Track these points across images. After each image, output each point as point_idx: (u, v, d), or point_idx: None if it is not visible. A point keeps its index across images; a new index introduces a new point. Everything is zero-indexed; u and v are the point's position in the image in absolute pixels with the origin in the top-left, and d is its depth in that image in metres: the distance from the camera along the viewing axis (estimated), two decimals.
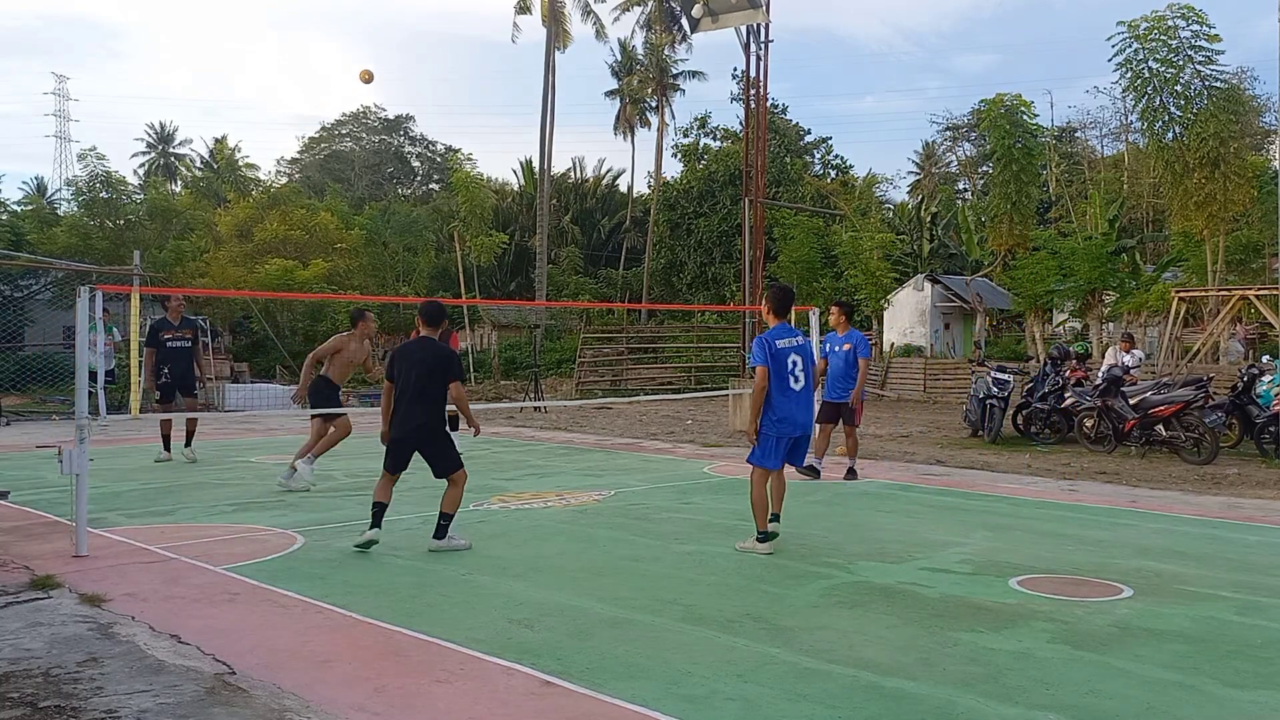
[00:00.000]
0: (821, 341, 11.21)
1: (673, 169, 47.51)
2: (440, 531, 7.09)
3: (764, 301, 7.77)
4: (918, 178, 54.23)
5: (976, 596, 5.82)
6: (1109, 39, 21.52)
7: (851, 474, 10.84)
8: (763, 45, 16.66)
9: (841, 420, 10.93)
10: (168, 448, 12.14)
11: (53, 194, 47.31)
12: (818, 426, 10.97)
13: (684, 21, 44.92)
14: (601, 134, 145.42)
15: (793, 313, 7.75)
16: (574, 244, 48.61)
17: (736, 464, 12.22)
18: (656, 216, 44.07)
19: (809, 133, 47.42)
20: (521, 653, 4.67)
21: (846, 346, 10.84)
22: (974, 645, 4.88)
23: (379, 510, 7.11)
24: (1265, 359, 15.12)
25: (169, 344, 12.01)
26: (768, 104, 20.09)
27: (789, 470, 7.47)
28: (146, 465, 11.68)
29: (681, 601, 5.65)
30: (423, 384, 7.02)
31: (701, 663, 4.57)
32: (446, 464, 7.17)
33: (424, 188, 62.02)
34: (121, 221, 32.96)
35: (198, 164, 57.85)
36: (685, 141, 46.95)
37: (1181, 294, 21.14)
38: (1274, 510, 9.06)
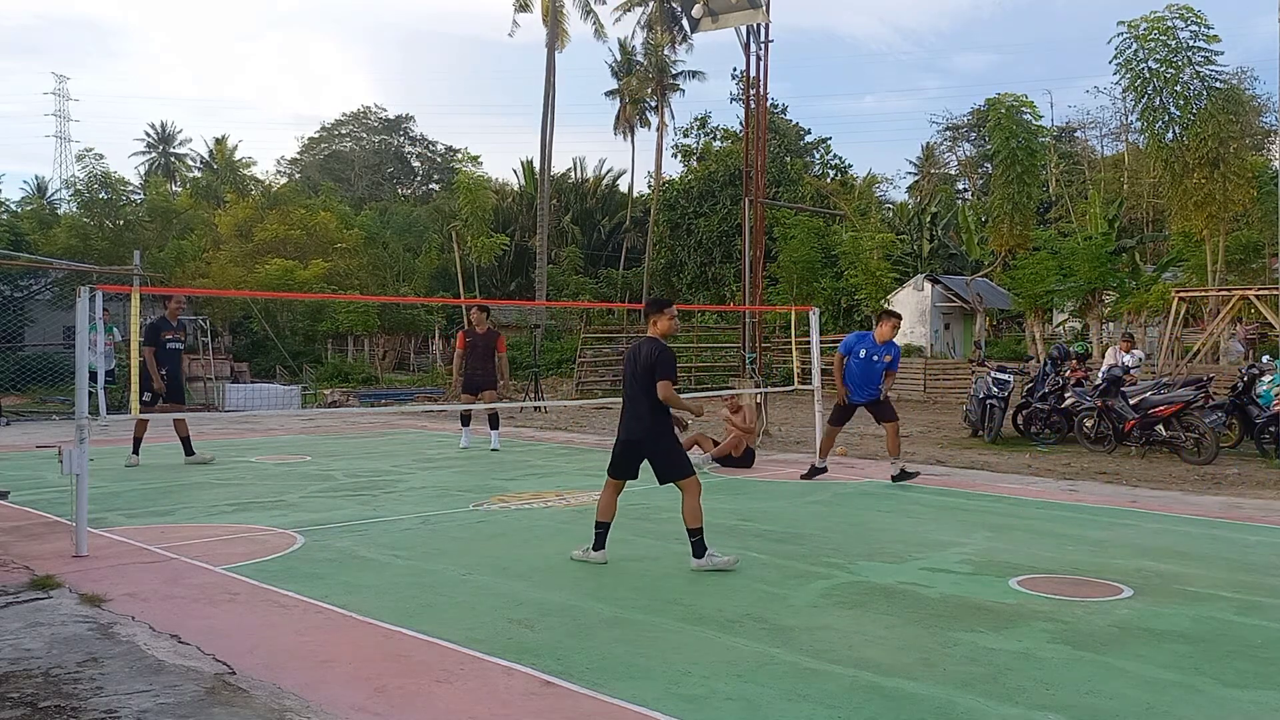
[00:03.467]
0: (847, 342, 10.89)
1: (673, 169, 47.54)
2: (697, 549, 6.51)
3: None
4: (916, 178, 54.24)
5: (976, 596, 5.82)
6: (1109, 40, 21.54)
7: (905, 475, 10.59)
8: (763, 45, 16.65)
9: (881, 419, 10.78)
10: (137, 451, 11.66)
11: (53, 194, 47.30)
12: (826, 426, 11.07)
13: (684, 21, 44.91)
14: (602, 134, 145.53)
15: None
16: (574, 244, 48.61)
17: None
18: (656, 216, 44.07)
19: (809, 133, 47.42)
20: (521, 653, 4.67)
21: (888, 357, 10.61)
22: (974, 645, 4.88)
23: (601, 531, 6.69)
24: (1265, 359, 15.11)
25: (168, 344, 11.71)
26: (768, 104, 20.09)
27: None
28: (146, 465, 11.68)
29: (681, 601, 5.65)
30: (639, 385, 6.65)
31: (701, 663, 4.57)
32: (669, 469, 6.69)
33: (424, 188, 62.03)
34: (121, 222, 32.97)
35: (198, 164, 57.87)
36: (685, 141, 46.95)
37: (1181, 294, 21.14)
38: (1274, 510, 9.05)
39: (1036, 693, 4.21)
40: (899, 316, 11.10)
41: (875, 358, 10.54)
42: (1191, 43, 21.02)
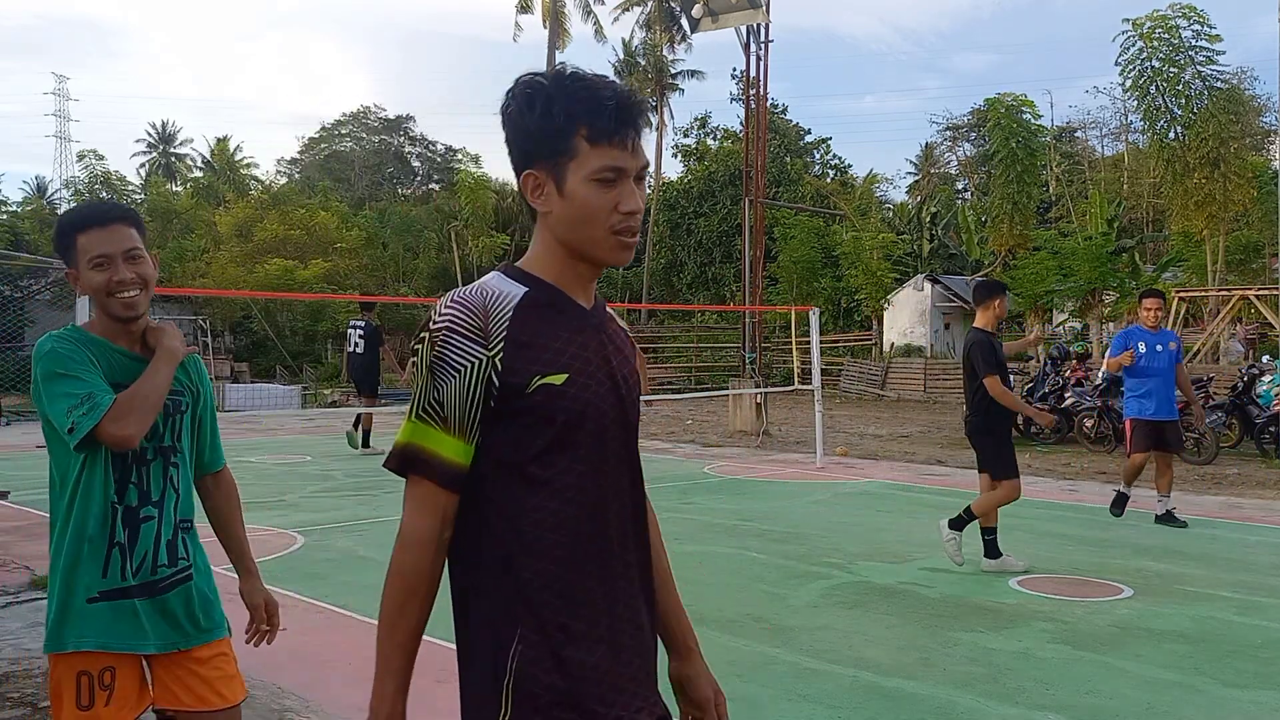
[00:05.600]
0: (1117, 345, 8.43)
1: (673, 169, 47.52)
2: (989, 549, 6.43)
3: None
4: (916, 178, 54.24)
5: (976, 596, 5.82)
6: (1113, 38, 21.55)
7: (1171, 518, 8.24)
8: (763, 45, 16.66)
9: (1169, 444, 8.27)
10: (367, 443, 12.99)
11: (53, 194, 47.31)
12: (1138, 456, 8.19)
13: (684, 21, 44.92)
14: None
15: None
16: None
17: (736, 464, 12.22)
18: (656, 216, 44.05)
19: (809, 133, 47.38)
20: None
21: (1173, 345, 8.27)
22: (974, 645, 4.88)
23: (990, 537, 6.51)
24: (1265, 359, 15.11)
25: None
26: (767, 104, 20.10)
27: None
28: None
29: (681, 601, 5.64)
30: (964, 375, 6.55)
31: None
32: (987, 462, 6.53)
33: (424, 188, 61.98)
34: None
35: (198, 164, 57.87)
36: (685, 142, 46.94)
37: (1181, 294, 21.14)
38: (1274, 510, 9.05)
39: (1036, 693, 4.21)
40: (1158, 294, 8.69)
41: (1160, 347, 8.14)
42: (1193, 42, 21.03)
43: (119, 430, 2.13)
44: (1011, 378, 15.58)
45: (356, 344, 13.22)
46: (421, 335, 1.55)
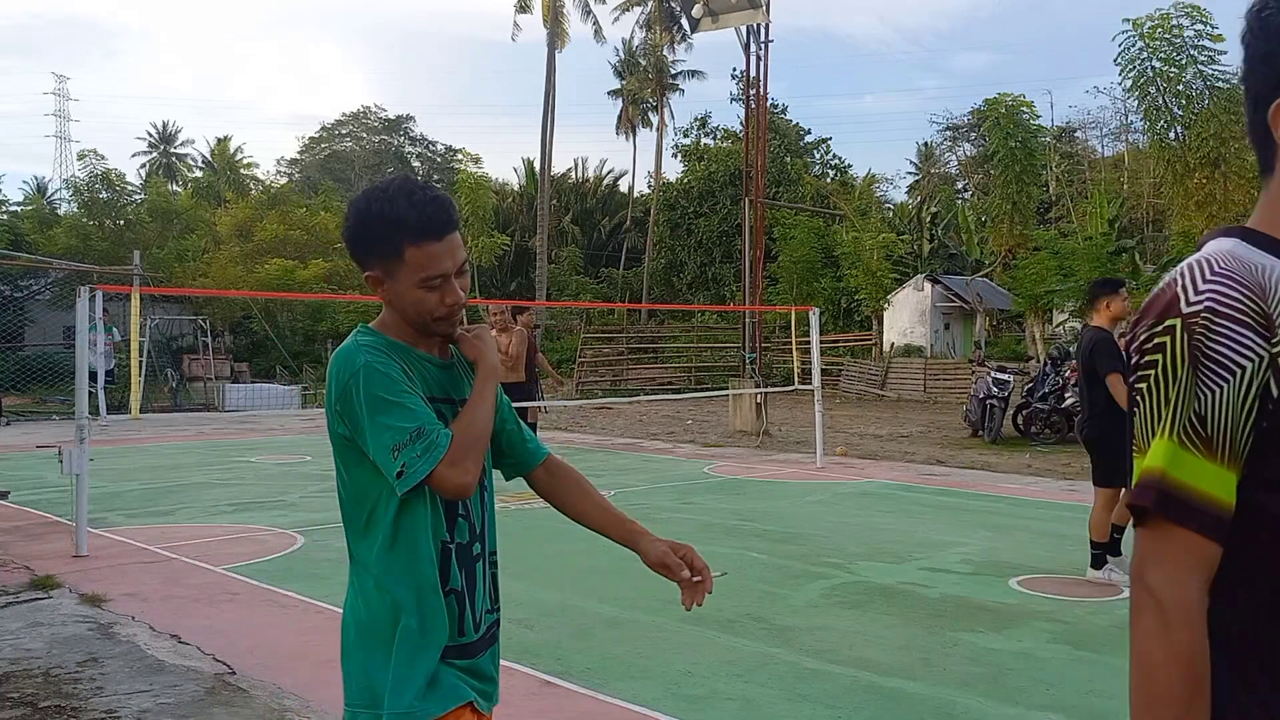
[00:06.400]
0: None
1: (673, 169, 47.53)
2: (1095, 561, 6.26)
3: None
4: (917, 178, 54.23)
5: (976, 596, 5.82)
6: (1113, 38, 21.53)
7: None
8: (763, 45, 16.65)
9: None
10: None
11: (53, 194, 47.32)
12: None
13: (684, 21, 44.91)
14: (602, 134, 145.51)
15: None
16: (574, 244, 48.61)
17: (736, 464, 12.22)
18: (656, 216, 44.06)
19: (809, 133, 47.38)
20: (521, 653, 4.67)
21: None
22: (974, 645, 4.88)
23: (1098, 551, 6.29)
24: None
25: None
26: (768, 104, 20.10)
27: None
28: (147, 465, 11.68)
29: (681, 601, 5.64)
30: (1083, 377, 6.42)
31: (701, 663, 4.57)
32: (1096, 472, 6.34)
33: None
34: (121, 222, 32.98)
35: (199, 164, 57.89)
36: (685, 142, 46.94)
37: None
38: None
39: (1036, 693, 4.21)
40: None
41: None
42: (1195, 42, 21.02)
43: (459, 477, 1.80)
44: (1010, 378, 15.55)
45: None
46: (1159, 321, 1.14)
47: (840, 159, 48.34)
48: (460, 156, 48.38)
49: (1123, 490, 6.18)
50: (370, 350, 1.85)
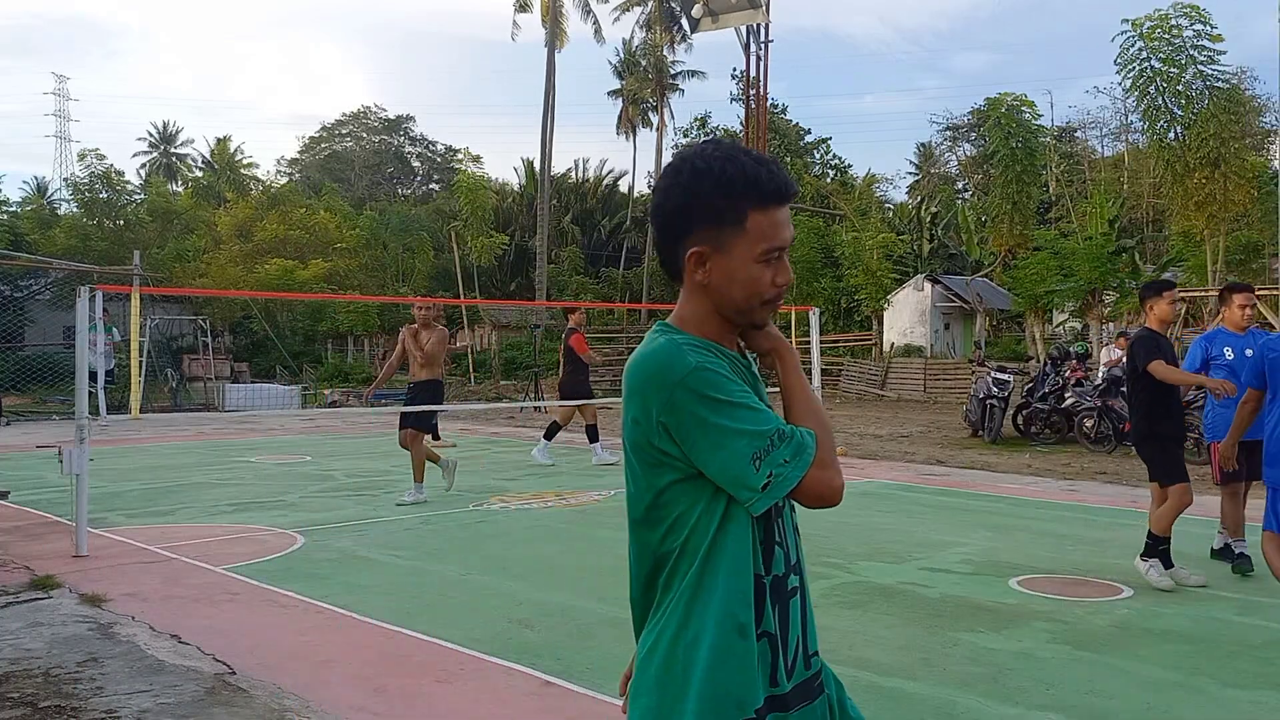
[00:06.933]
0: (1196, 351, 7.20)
1: None
2: (1148, 550, 6.15)
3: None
4: (917, 178, 54.24)
5: (977, 596, 5.82)
6: (1113, 38, 21.53)
7: (1243, 559, 6.71)
8: (763, 45, 16.67)
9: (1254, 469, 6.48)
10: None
11: (53, 194, 47.32)
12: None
13: (684, 21, 44.91)
14: (602, 134, 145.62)
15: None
16: (574, 244, 48.62)
17: None
18: None
19: (809, 133, 47.42)
20: (521, 653, 4.67)
21: (1249, 351, 6.46)
22: (974, 645, 4.88)
23: (1163, 548, 6.15)
24: None
25: None
26: (768, 104, 20.13)
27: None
28: (147, 465, 11.69)
29: None
30: (1128, 383, 6.45)
31: None
32: (1155, 475, 6.30)
33: (424, 188, 62.00)
34: (121, 222, 32.99)
35: (199, 164, 57.88)
36: (685, 142, 46.96)
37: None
38: None
39: (1036, 693, 4.21)
40: (1251, 289, 7.33)
41: (1248, 352, 6.57)
42: (1195, 42, 21.01)
43: (833, 480, 1.62)
44: (1010, 378, 15.49)
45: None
46: None
47: (840, 159, 48.40)
48: (460, 156, 48.41)
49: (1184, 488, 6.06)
50: (696, 349, 1.58)
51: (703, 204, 1.58)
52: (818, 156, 47.50)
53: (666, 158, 48.96)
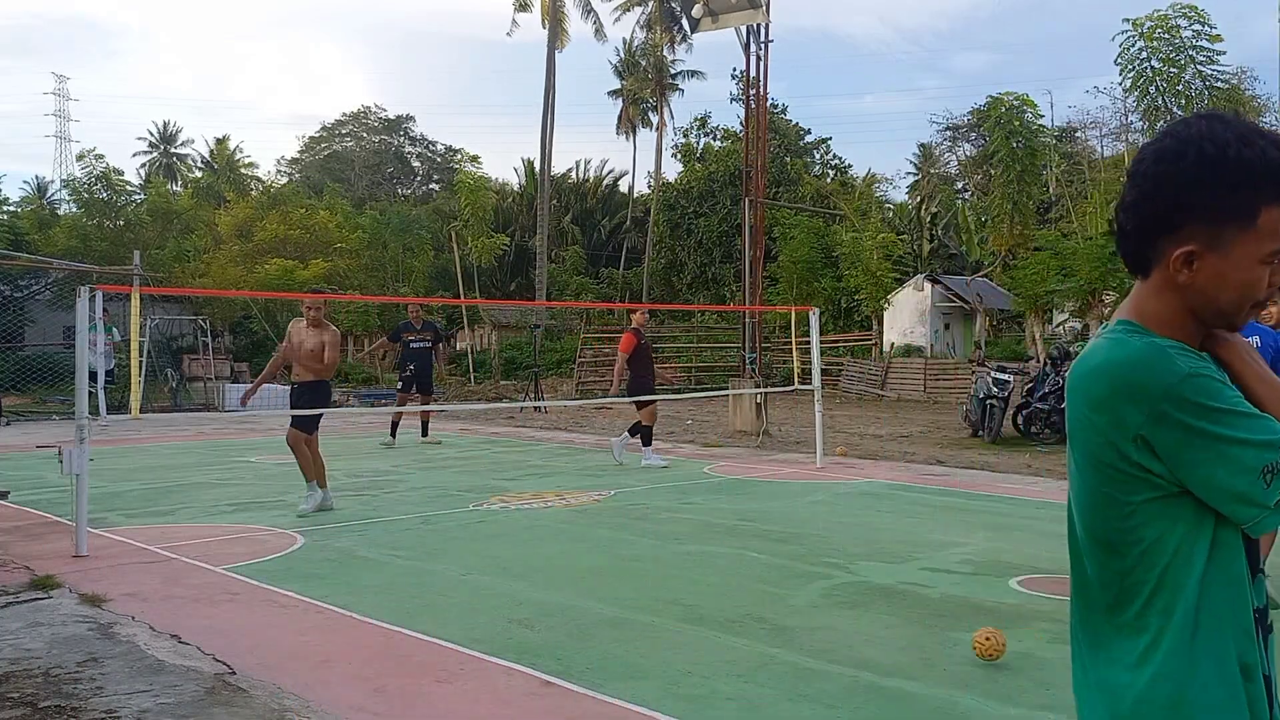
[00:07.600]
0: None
1: (673, 169, 47.53)
2: None
3: None
4: (917, 178, 54.25)
5: (977, 596, 5.82)
6: (1113, 38, 21.55)
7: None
8: (763, 45, 16.65)
9: None
10: (394, 434, 14.06)
11: (52, 194, 47.33)
12: None
13: (684, 21, 44.90)
14: (602, 134, 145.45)
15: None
16: (575, 244, 48.63)
17: (736, 464, 12.22)
18: (656, 217, 44.06)
19: (809, 133, 47.37)
20: (521, 653, 4.67)
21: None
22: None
23: None
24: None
25: (412, 344, 14.06)
26: (768, 104, 20.12)
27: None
28: (147, 465, 11.69)
29: (681, 601, 5.64)
30: None
31: (701, 663, 4.57)
32: None
33: (424, 188, 62.02)
34: (121, 222, 32.99)
35: (199, 164, 57.90)
36: (685, 142, 46.94)
37: None
38: None
39: (1036, 693, 4.21)
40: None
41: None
42: (1194, 42, 21.03)
43: None
44: (1010, 378, 15.51)
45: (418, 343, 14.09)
46: None
47: (840, 159, 48.35)
48: (460, 156, 48.38)
49: None
50: (1186, 355, 1.40)
51: (1208, 198, 1.37)
52: (818, 156, 47.46)
53: (666, 157, 48.99)
